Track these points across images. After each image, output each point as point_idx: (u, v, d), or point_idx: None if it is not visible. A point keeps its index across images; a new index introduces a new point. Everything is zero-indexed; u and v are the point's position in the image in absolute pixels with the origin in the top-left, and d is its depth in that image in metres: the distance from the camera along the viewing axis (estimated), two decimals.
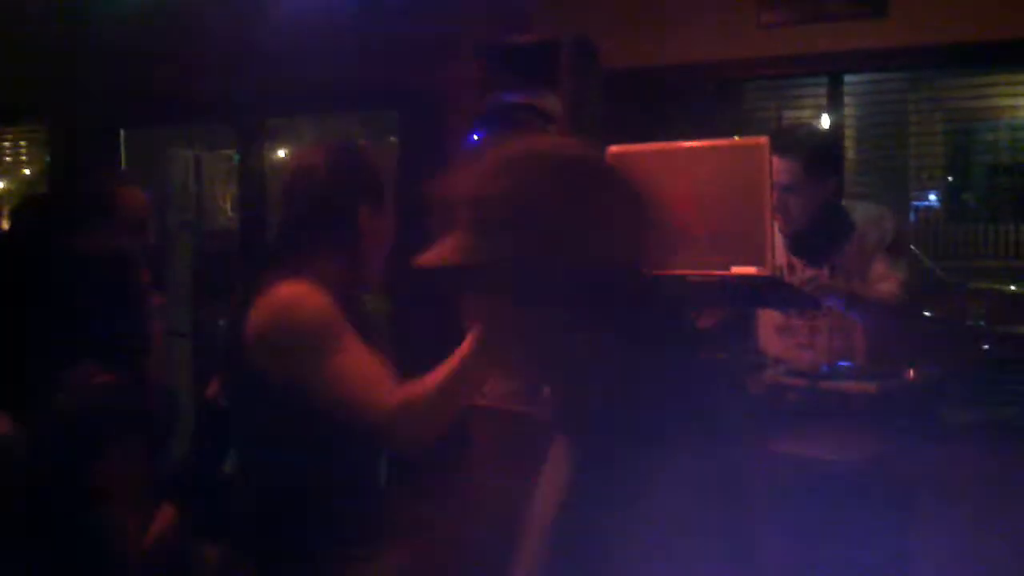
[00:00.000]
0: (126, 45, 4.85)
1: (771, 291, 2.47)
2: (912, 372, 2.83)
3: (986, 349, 4.45)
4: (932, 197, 5.53)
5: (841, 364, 2.79)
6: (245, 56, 4.63)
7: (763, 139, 2.34)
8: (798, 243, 2.90)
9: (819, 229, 2.87)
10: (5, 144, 6.43)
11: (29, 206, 2.76)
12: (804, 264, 2.89)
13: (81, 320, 2.09)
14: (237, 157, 5.45)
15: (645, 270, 1.19)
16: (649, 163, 2.36)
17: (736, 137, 2.82)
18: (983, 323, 4.47)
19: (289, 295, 1.90)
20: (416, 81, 4.43)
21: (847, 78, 4.08)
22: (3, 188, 6.69)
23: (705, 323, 2.56)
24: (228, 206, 6.17)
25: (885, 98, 4.39)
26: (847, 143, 4.25)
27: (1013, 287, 5.21)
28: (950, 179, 5.63)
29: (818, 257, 2.88)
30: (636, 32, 4.01)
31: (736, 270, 2.26)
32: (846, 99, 4.10)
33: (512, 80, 3.27)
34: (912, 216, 5.54)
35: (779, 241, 2.78)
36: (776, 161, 2.71)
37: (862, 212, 2.96)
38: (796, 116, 4.27)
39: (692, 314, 2.42)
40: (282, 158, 6.48)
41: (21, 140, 6.29)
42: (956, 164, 5.68)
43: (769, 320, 2.97)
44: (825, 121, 4.10)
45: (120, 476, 2.04)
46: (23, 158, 6.40)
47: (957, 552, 3.26)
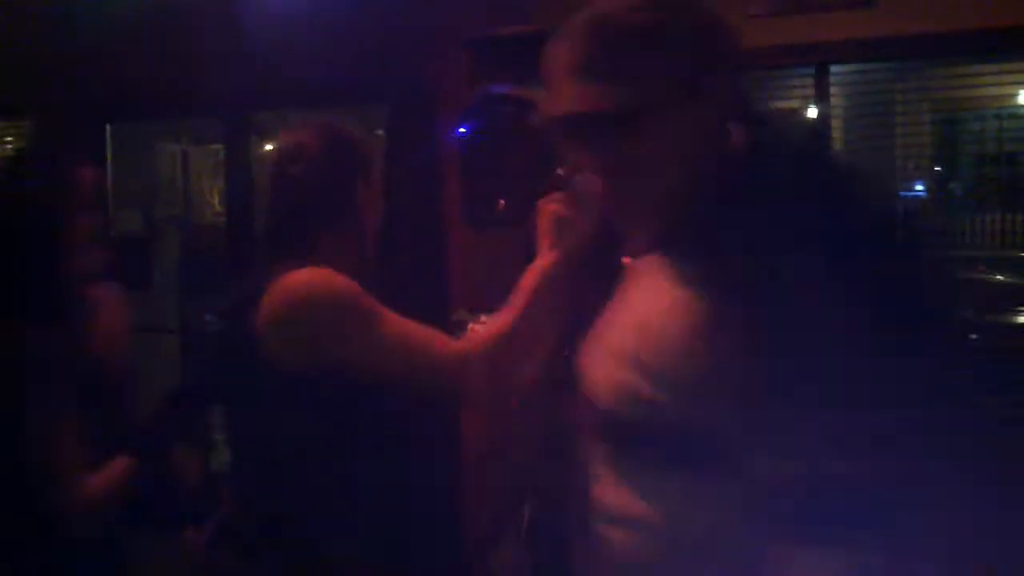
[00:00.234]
0: (112, 38, 4.82)
1: None
2: None
3: (973, 339, 4.47)
4: (919, 187, 5.55)
5: None
6: (232, 49, 4.61)
7: None
8: None
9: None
10: None
11: None
12: None
13: None
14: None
15: None
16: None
17: None
18: (969, 313, 4.49)
19: (309, 280, 1.84)
20: (404, 74, 4.42)
21: (834, 68, 4.08)
22: None
23: None
24: (216, 201, 6.14)
25: (872, 88, 4.39)
26: (834, 133, 4.25)
27: (1000, 276, 5.23)
28: (937, 169, 5.64)
29: None
30: None
31: None
32: (833, 89, 4.10)
33: (498, 72, 3.27)
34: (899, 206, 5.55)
35: None
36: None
37: None
38: (783, 106, 4.27)
39: None
40: (270, 152, 6.46)
41: (7, 135, 6.25)
42: (943, 154, 5.70)
43: None
44: (812, 111, 4.10)
45: (44, 425, 2.04)
46: (9, 152, 6.36)
47: None
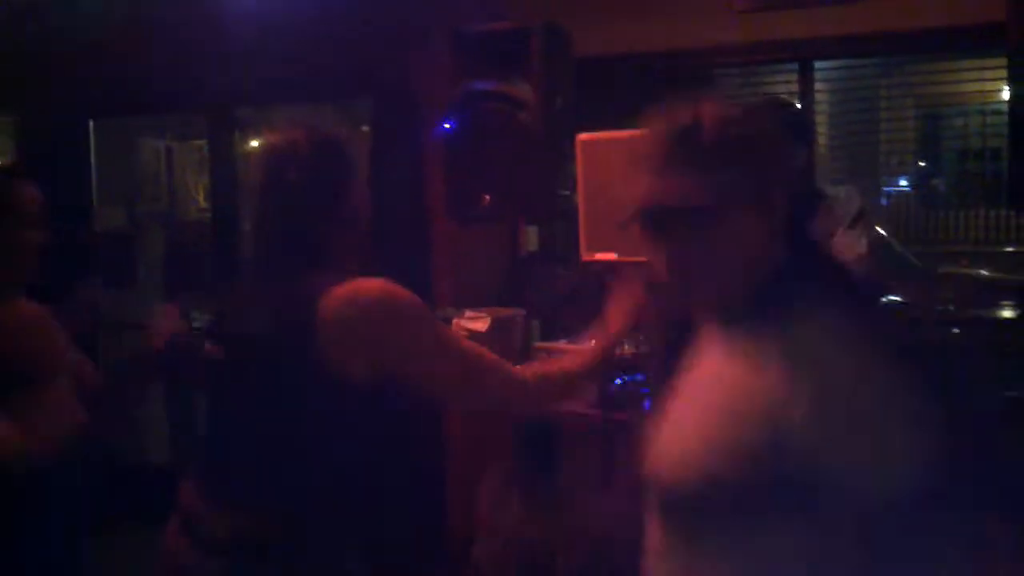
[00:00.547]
0: (94, 34, 4.79)
1: None
2: None
3: (955, 333, 4.48)
4: (903, 182, 5.57)
5: None
6: (215, 45, 4.59)
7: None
8: None
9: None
10: None
11: None
12: None
13: None
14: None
15: None
16: (620, 150, 2.36)
17: None
18: (952, 307, 4.50)
19: (380, 289, 1.85)
20: (388, 70, 4.41)
21: (818, 64, 4.10)
22: None
23: None
24: (200, 197, 6.11)
25: (856, 84, 4.41)
26: (818, 129, 4.27)
27: (983, 272, 5.25)
28: (921, 164, 5.67)
29: None
30: (608, 19, 4.00)
31: None
32: (817, 85, 4.12)
33: (484, 68, 3.26)
34: (883, 201, 5.57)
35: None
36: None
37: (830, 191, 3.02)
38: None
39: None
40: (254, 148, 6.42)
41: None
42: (927, 149, 5.72)
43: None
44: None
45: None
46: None
47: None
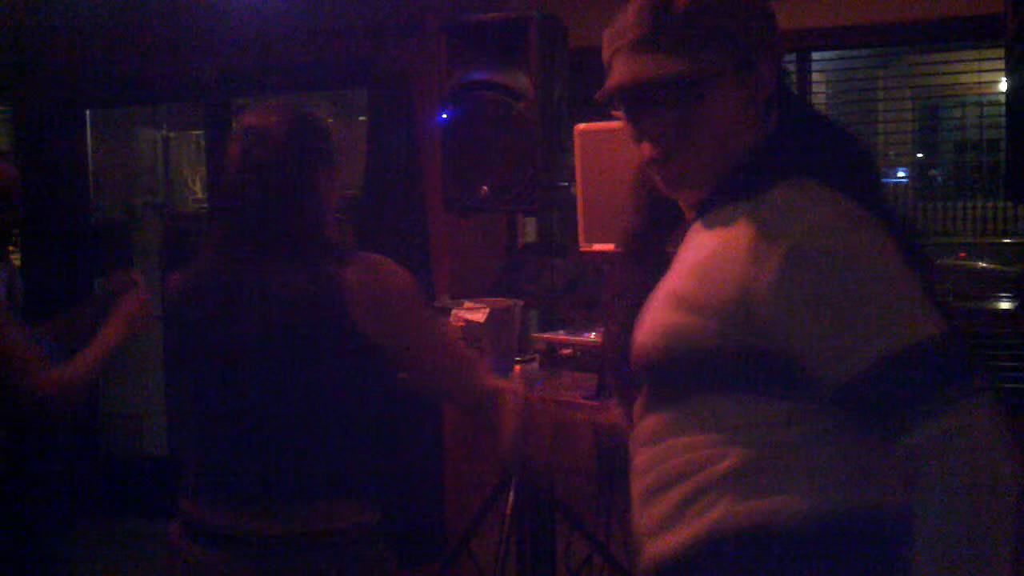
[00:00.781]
0: (91, 24, 4.78)
1: None
2: None
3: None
4: (901, 174, 5.56)
5: None
6: (212, 35, 4.59)
7: None
8: None
9: None
10: None
11: None
12: None
13: None
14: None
15: None
16: (616, 140, 2.35)
17: None
18: (950, 298, 4.50)
19: (397, 269, 1.96)
20: (385, 59, 4.41)
21: (815, 55, 4.09)
22: None
23: None
24: (197, 187, 6.11)
25: (853, 75, 4.40)
26: None
27: (981, 263, 5.24)
28: (919, 156, 5.65)
29: None
30: (605, 9, 3.98)
31: None
32: (814, 76, 4.11)
33: (480, 58, 3.25)
34: None
35: None
36: None
37: None
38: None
39: None
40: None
41: None
42: (925, 141, 5.71)
43: None
44: None
45: None
46: None
47: None
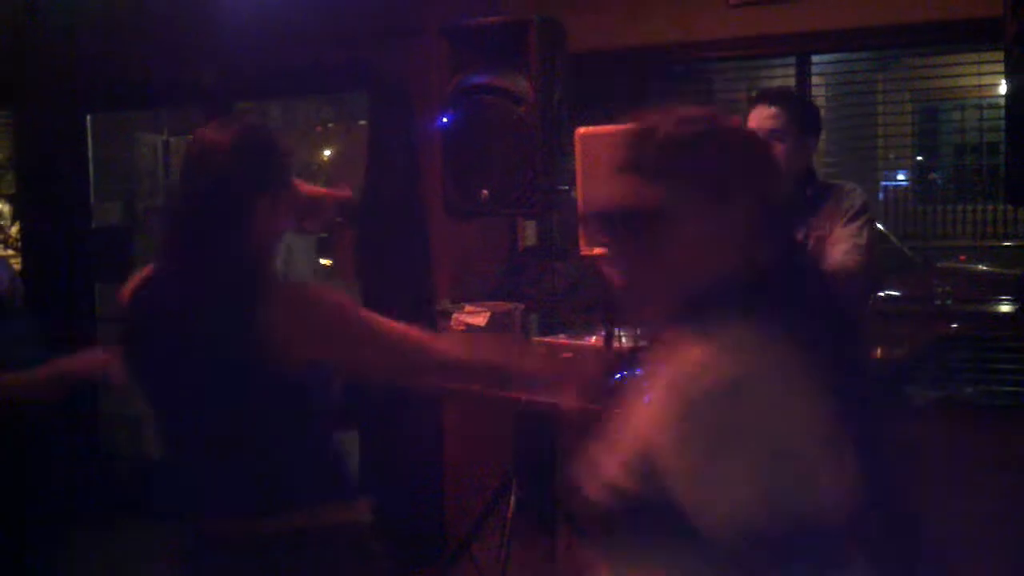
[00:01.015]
0: (92, 29, 4.78)
1: None
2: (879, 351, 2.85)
3: (953, 328, 4.49)
4: (900, 176, 5.57)
5: None
6: (213, 39, 4.58)
7: (734, 120, 2.35)
8: None
9: (795, 193, 2.89)
10: None
11: None
12: None
13: None
14: None
15: None
16: (617, 144, 2.35)
17: None
18: (950, 302, 4.50)
19: (308, 293, 1.90)
20: (385, 63, 4.40)
21: (815, 58, 4.09)
22: None
23: None
24: None
25: (853, 78, 4.40)
26: None
27: (981, 266, 5.25)
28: (918, 159, 5.67)
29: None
30: (604, 13, 4.00)
31: None
32: (814, 79, 4.11)
33: (480, 62, 3.26)
34: (881, 195, 5.56)
35: None
36: (761, 109, 2.89)
37: (835, 185, 3.04)
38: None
39: None
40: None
41: None
42: (924, 144, 5.72)
43: None
44: None
45: None
46: None
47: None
